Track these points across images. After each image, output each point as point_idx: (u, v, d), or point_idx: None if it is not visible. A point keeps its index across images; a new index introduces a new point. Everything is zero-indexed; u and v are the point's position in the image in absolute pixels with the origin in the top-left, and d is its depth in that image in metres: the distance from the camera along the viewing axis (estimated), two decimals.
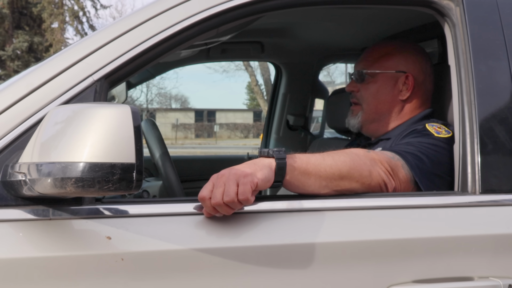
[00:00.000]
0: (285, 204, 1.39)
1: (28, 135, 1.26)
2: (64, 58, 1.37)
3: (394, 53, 1.98)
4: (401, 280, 1.39)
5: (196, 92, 79.70)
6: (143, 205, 1.33)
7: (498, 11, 1.63)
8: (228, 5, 1.48)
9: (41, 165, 1.12)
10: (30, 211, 1.24)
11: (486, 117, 1.54)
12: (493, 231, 1.48)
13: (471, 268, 1.43)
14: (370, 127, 2.00)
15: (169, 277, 1.27)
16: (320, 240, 1.35)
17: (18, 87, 1.32)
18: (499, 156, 1.52)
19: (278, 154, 1.36)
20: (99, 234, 1.25)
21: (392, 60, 1.96)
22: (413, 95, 1.94)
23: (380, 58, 1.98)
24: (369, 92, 1.97)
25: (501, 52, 1.59)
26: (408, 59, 1.96)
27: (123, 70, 1.39)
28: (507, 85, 1.56)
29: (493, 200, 1.50)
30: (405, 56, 1.97)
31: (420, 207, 1.47)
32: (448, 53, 1.65)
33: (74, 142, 1.09)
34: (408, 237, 1.42)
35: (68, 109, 1.16)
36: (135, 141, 1.09)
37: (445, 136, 1.71)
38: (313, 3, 1.65)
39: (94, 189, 1.08)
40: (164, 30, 1.42)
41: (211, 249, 1.30)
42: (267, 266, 1.33)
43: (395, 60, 1.96)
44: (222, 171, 1.32)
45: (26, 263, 1.21)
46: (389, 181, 1.53)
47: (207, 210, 1.31)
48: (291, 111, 3.42)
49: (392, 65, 1.96)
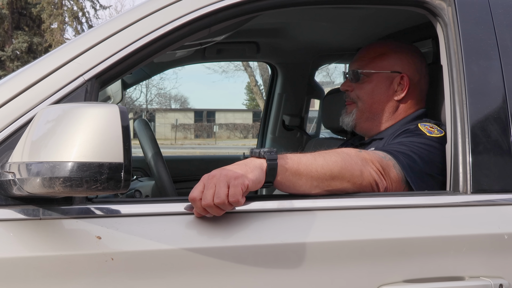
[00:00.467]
0: (276, 204, 1.39)
1: (18, 134, 1.26)
2: (55, 57, 1.37)
3: (389, 53, 1.98)
4: (392, 279, 1.39)
5: (195, 92, 79.78)
6: (133, 204, 1.34)
7: (490, 11, 1.63)
8: (220, 5, 1.48)
9: (30, 165, 1.12)
10: (21, 211, 1.24)
11: (478, 117, 1.54)
12: (484, 231, 1.48)
13: (462, 267, 1.43)
14: (363, 125, 2.00)
15: (159, 277, 1.27)
16: (311, 240, 1.35)
17: (9, 87, 1.32)
18: (491, 156, 1.52)
19: (269, 155, 1.36)
20: (89, 233, 1.25)
21: (387, 60, 1.96)
22: (408, 96, 1.94)
23: (375, 58, 1.98)
24: (364, 91, 1.97)
25: (493, 52, 1.59)
26: (403, 60, 1.96)
27: (114, 70, 1.39)
28: (498, 85, 1.56)
29: (484, 199, 1.50)
30: (400, 57, 1.96)
31: (412, 207, 1.47)
32: (440, 53, 1.65)
33: (63, 142, 1.09)
34: (399, 236, 1.42)
35: (58, 109, 1.16)
36: (123, 141, 1.09)
37: (437, 135, 1.71)
38: (305, 3, 1.65)
39: (82, 189, 1.08)
40: (155, 30, 1.42)
41: (202, 248, 1.30)
42: (258, 265, 1.33)
43: (390, 60, 1.96)
44: (213, 171, 1.32)
45: (16, 263, 1.21)
46: (381, 181, 1.53)
47: (198, 211, 1.31)
48: (287, 111, 3.42)
49: (387, 65, 1.96)
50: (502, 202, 1.51)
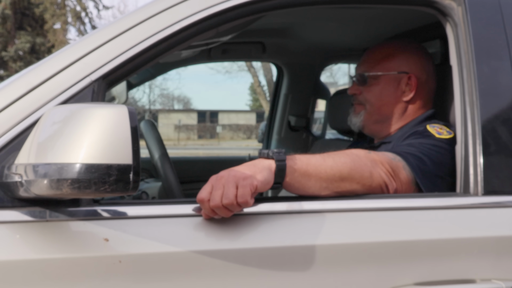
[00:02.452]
0: (285, 205, 1.37)
1: (25, 135, 1.25)
2: (61, 58, 1.36)
3: (395, 54, 1.96)
4: (403, 282, 1.37)
5: (198, 93, 79.81)
6: (141, 206, 1.32)
7: (501, 11, 1.61)
8: (227, 5, 1.47)
9: (37, 166, 1.11)
10: (27, 212, 1.23)
11: (489, 118, 1.52)
12: (496, 233, 1.46)
13: (473, 270, 1.42)
14: (372, 127, 1.98)
15: (167, 280, 1.26)
16: (320, 242, 1.34)
17: (15, 88, 1.31)
18: (502, 157, 1.51)
19: (278, 156, 1.35)
20: (96, 236, 1.24)
21: (393, 61, 1.94)
22: (416, 96, 1.92)
23: (381, 60, 1.96)
24: (372, 94, 1.95)
25: (503, 52, 1.57)
26: (409, 59, 1.94)
27: (121, 70, 1.37)
28: (509, 86, 1.55)
29: (496, 201, 1.48)
30: (407, 57, 1.95)
31: (422, 209, 1.46)
32: (450, 53, 1.64)
33: (71, 143, 1.08)
34: (409, 239, 1.40)
35: (65, 109, 1.15)
36: (132, 142, 1.08)
37: (446, 137, 1.70)
38: (312, 2, 1.63)
39: (90, 191, 1.07)
40: (162, 30, 1.41)
41: (210, 251, 1.29)
42: (267, 268, 1.31)
43: (396, 61, 1.94)
44: (221, 172, 1.31)
45: (23, 265, 1.20)
46: (390, 182, 1.52)
47: (206, 212, 1.29)
48: (293, 112, 3.40)
49: (394, 66, 1.94)
50: None
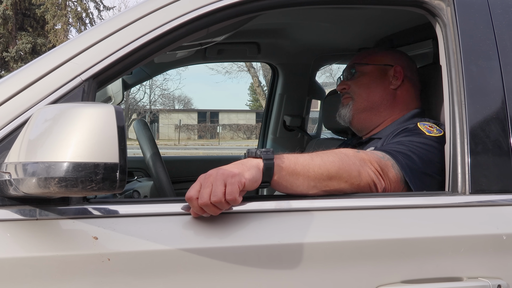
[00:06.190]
0: (273, 204, 1.38)
1: (15, 135, 1.26)
2: (52, 58, 1.37)
3: (382, 51, 2.13)
4: (390, 280, 1.38)
5: (199, 93, 79.79)
6: (130, 205, 1.33)
7: (489, 11, 1.62)
8: (218, 5, 1.47)
9: (26, 165, 1.12)
10: (17, 211, 1.24)
11: (477, 117, 1.53)
12: (483, 232, 1.47)
13: (460, 268, 1.43)
14: (361, 116, 2.01)
15: (156, 277, 1.27)
16: (308, 240, 1.35)
17: (6, 87, 1.32)
18: (489, 156, 1.52)
19: (265, 155, 1.36)
20: (86, 234, 1.25)
21: (379, 56, 2.07)
22: (403, 86, 1.99)
23: (368, 55, 2.08)
24: (360, 84, 2.04)
25: (492, 52, 1.58)
26: (395, 55, 2.07)
27: (111, 70, 1.38)
28: (497, 85, 1.56)
29: (483, 200, 1.49)
30: (392, 53, 2.09)
31: (410, 207, 1.47)
32: (440, 53, 1.65)
33: (59, 142, 1.09)
34: (397, 237, 1.41)
35: (55, 109, 1.16)
36: (118, 141, 1.09)
37: (436, 135, 1.71)
38: (305, 3, 1.64)
39: (77, 189, 1.08)
40: (153, 30, 1.42)
41: (199, 249, 1.30)
42: (255, 266, 1.32)
43: (382, 56, 2.07)
44: (209, 171, 1.32)
45: (13, 263, 1.21)
46: (379, 181, 1.53)
47: (194, 210, 1.30)
48: (288, 111, 3.42)
49: (380, 59, 2.05)
50: (501, 203, 1.50)
